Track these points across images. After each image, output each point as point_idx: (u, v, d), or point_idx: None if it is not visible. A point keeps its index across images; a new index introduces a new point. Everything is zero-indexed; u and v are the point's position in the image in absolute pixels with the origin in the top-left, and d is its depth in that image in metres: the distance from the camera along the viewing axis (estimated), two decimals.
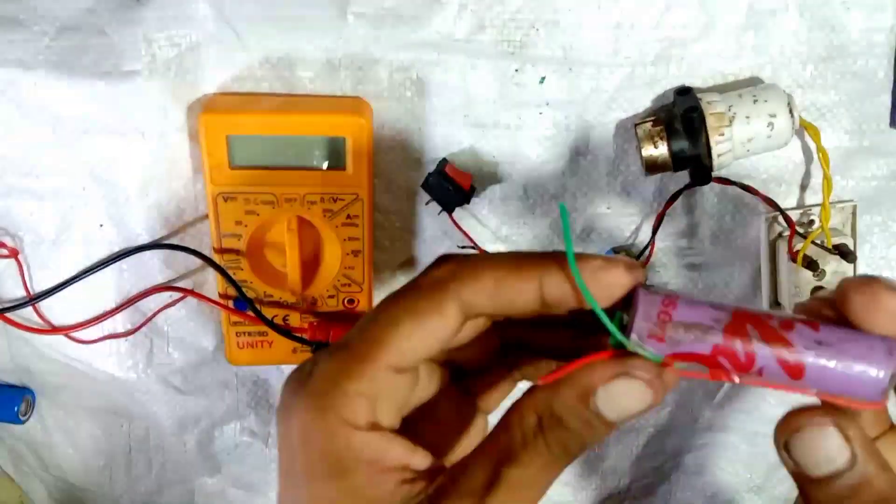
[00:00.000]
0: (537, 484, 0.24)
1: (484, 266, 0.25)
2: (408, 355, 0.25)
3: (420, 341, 0.25)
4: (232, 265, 0.45)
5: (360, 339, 0.25)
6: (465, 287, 0.24)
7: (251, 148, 0.42)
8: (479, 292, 0.24)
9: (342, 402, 0.24)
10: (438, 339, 0.25)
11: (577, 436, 0.23)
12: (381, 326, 0.25)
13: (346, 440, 0.24)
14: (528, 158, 0.45)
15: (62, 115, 0.41)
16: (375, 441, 0.25)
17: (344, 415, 0.24)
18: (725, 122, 0.42)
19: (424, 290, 0.25)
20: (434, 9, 0.41)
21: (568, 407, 0.23)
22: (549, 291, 0.24)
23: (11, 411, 0.51)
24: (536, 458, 0.23)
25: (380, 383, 0.25)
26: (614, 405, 0.23)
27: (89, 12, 0.39)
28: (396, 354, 0.24)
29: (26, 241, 0.46)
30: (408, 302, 0.25)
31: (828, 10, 0.42)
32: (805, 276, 0.48)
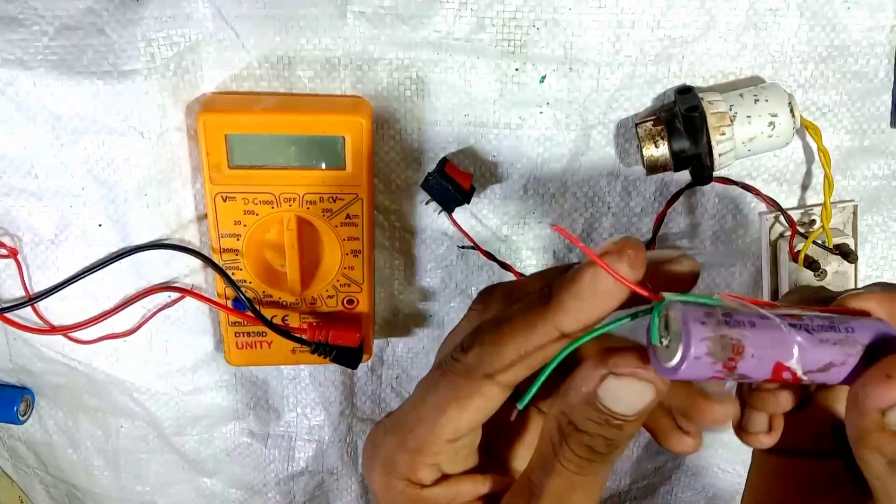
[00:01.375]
0: (580, 488, 0.24)
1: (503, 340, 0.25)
2: (461, 429, 0.26)
3: (468, 421, 0.26)
4: (231, 265, 0.45)
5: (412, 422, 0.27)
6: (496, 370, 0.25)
7: (250, 147, 0.42)
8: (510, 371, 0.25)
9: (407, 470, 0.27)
10: (488, 412, 0.26)
11: (597, 437, 0.24)
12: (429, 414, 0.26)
13: (417, 495, 0.27)
14: (528, 158, 0.45)
15: (61, 114, 0.41)
16: (444, 490, 0.27)
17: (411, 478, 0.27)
18: (726, 122, 0.41)
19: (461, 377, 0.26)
20: (434, 8, 0.41)
21: (577, 410, 0.24)
22: (568, 329, 0.24)
23: (11, 411, 0.51)
24: (567, 464, 0.24)
25: (440, 455, 0.27)
26: (620, 401, 0.23)
27: (89, 12, 0.39)
28: (449, 434, 0.26)
29: (25, 240, 0.45)
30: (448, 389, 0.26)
31: (829, 9, 0.42)
32: (806, 275, 0.48)
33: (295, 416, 0.54)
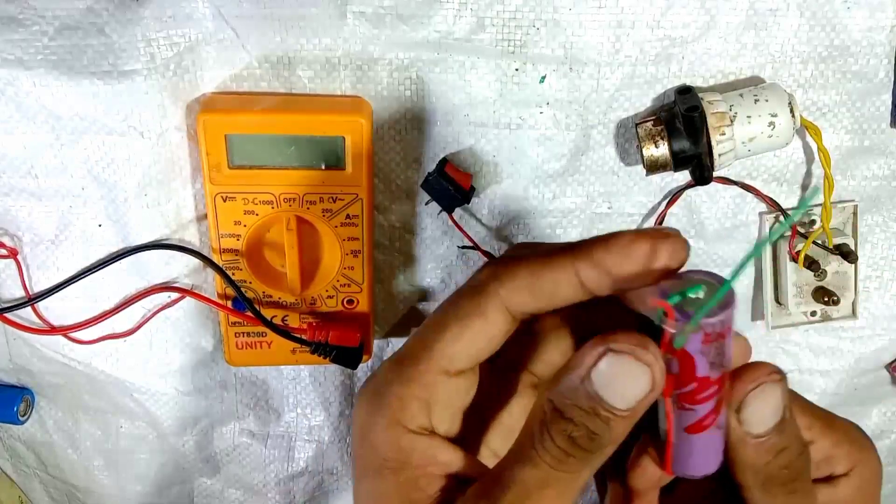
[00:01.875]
0: (553, 485, 0.23)
1: (519, 264, 0.25)
2: (456, 358, 0.25)
3: (467, 344, 0.25)
4: (231, 265, 0.45)
5: (413, 344, 0.26)
6: (504, 286, 0.25)
7: (250, 147, 0.42)
8: (518, 290, 0.25)
9: (396, 405, 0.25)
10: (486, 341, 0.25)
11: (581, 428, 0.22)
12: (431, 332, 0.26)
13: (396, 440, 0.25)
14: (528, 158, 0.45)
15: (61, 114, 0.41)
16: (424, 445, 0.25)
17: (397, 416, 0.25)
18: (726, 122, 0.41)
19: (466, 295, 0.26)
20: (434, 8, 0.41)
21: (565, 394, 0.23)
22: (588, 277, 0.24)
23: (11, 411, 0.51)
24: (545, 455, 0.23)
25: (433, 388, 0.25)
26: (615, 389, 0.22)
27: (88, 12, 0.39)
28: (446, 358, 0.25)
29: (25, 240, 0.46)
30: (452, 307, 0.26)
31: (829, 9, 0.42)
32: (806, 276, 0.48)
33: (295, 416, 0.54)
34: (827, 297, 0.48)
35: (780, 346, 0.52)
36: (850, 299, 0.49)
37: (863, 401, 0.55)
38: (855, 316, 0.50)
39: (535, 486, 0.23)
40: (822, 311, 0.49)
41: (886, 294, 0.51)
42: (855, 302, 0.49)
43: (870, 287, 0.50)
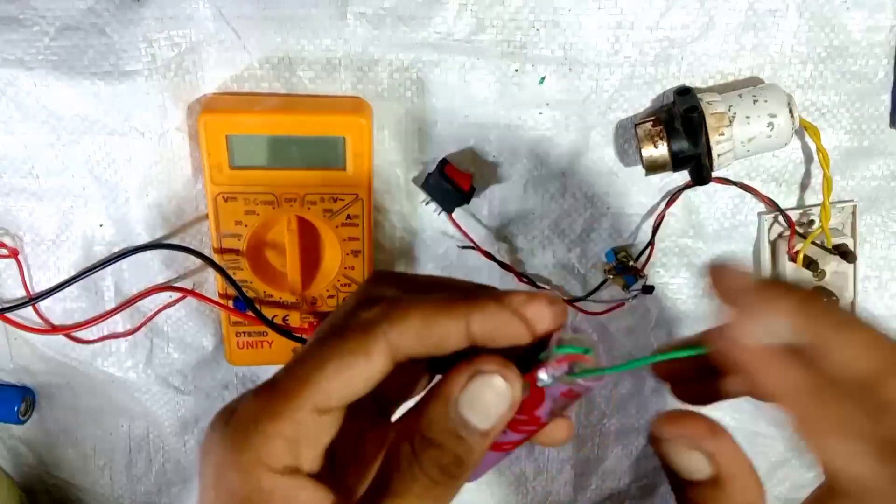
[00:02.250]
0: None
1: (411, 308, 0.24)
2: (332, 396, 0.24)
3: (345, 383, 0.24)
4: (232, 265, 0.45)
5: (285, 378, 0.25)
6: (394, 329, 0.24)
7: (251, 148, 0.42)
8: (407, 334, 0.24)
9: (260, 442, 0.24)
10: (364, 382, 0.24)
11: (450, 454, 0.23)
12: (308, 367, 0.24)
13: (257, 482, 0.24)
14: (528, 158, 0.45)
15: (62, 114, 0.41)
16: (287, 486, 0.24)
17: (261, 455, 0.24)
18: (725, 122, 0.42)
19: (352, 332, 0.24)
20: (434, 9, 0.41)
21: (435, 422, 0.23)
22: (477, 330, 0.24)
23: (11, 411, 0.51)
24: (412, 485, 0.23)
25: (302, 426, 0.24)
26: (478, 408, 0.23)
27: (89, 12, 0.39)
28: (321, 395, 0.24)
29: (26, 240, 0.46)
30: (336, 342, 0.24)
31: (828, 10, 0.42)
32: (805, 276, 0.48)
33: None
34: (826, 297, 0.48)
35: None
36: (849, 299, 0.49)
37: None
38: None
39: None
40: None
41: (885, 294, 0.51)
42: (854, 302, 0.49)
43: (869, 287, 0.50)
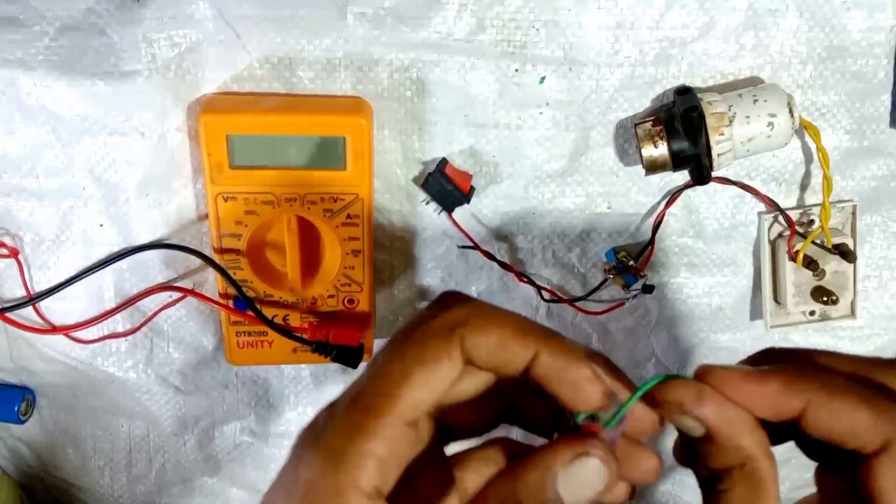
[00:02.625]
0: None
1: (495, 319, 0.25)
2: (421, 405, 0.24)
3: (431, 390, 0.24)
4: (232, 265, 0.45)
5: (372, 392, 0.24)
6: (473, 335, 0.24)
7: (251, 148, 0.42)
8: (484, 343, 0.24)
9: (356, 463, 0.23)
10: (445, 385, 0.24)
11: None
12: (394, 379, 0.24)
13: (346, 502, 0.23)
14: (528, 158, 0.45)
15: (62, 114, 0.41)
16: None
17: (355, 477, 0.23)
18: (725, 122, 0.42)
19: (434, 336, 0.24)
20: (434, 9, 0.41)
21: (529, 490, 0.24)
22: (542, 365, 0.24)
23: (11, 411, 0.51)
24: None
25: (392, 442, 0.24)
26: (574, 486, 0.24)
27: (89, 12, 0.39)
28: (410, 408, 0.24)
29: (26, 241, 0.46)
30: (417, 349, 0.24)
31: (828, 9, 0.42)
32: (805, 275, 0.48)
33: (296, 415, 0.54)
34: (826, 297, 0.48)
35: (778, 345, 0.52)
36: (848, 299, 0.49)
37: None
38: (854, 315, 0.50)
39: None
40: (821, 310, 0.50)
41: (885, 294, 0.51)
42: (854, 302, 0.49)
43: (868, 287, 0.51)
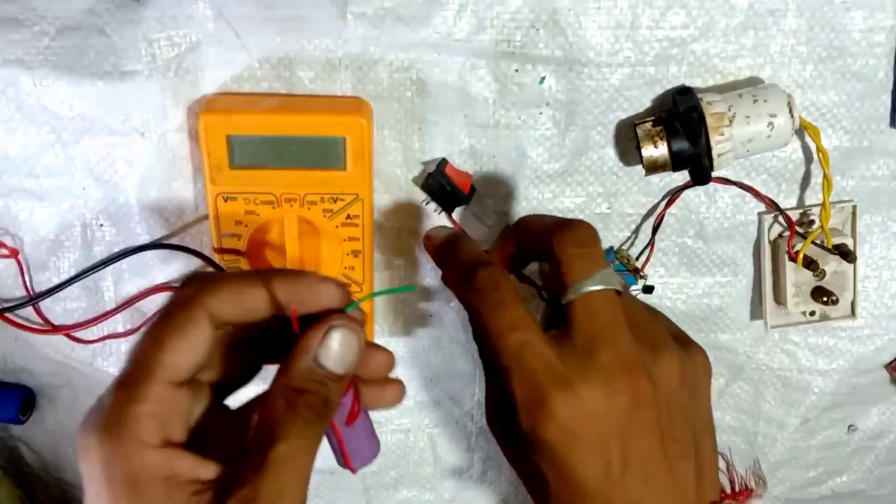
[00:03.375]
0: (302, 453, 0.28)
1: (223, 279, 0.30)
2: (180, 368, 0.28)
3: (186, 353, 0.28)
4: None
5: (134, 365, 0.28)
6: (211, 299, 0.29)
7: (251, 148, 0.42)
8: (222, 301, 0.29)
9: (134, 425, 0.27)
10: (201, 348, 0.29)
11: (318, 397, 0.29)
12: (150, 350, 0.28)
13: (140, 459, 0.27)
14: (528, 158, 0.45)
15: (62, 114, 0.41)
16: (167, 457, 0.27)
17: (138, 435, 0.27)
18: (725, 122, 0.42)
19: (178, 309, 0.29)
20: (434, 9, 0.41)
21: (301, 374, 0.29)
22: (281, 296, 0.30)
23: (11, 411, 0.51)
24: (292, 428, 0.28)
25: (163, 401, 0.28)
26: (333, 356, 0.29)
27: (89, 12, 0.39)
28: (170, 369, 0.28)
29: (26, 240, 0.46)
30: (165, 322, 0.29)
31: (828, 10, 0.42)
32: (805, 275, 0.48)
33: None
34: (826, 297, 0.48)
35: (778, 345, 0.53)
36: (848, 299, 0.49)
37: (862, 400, 0.55)
38: (854, 316, 0.50)
39: (289, 456, 0.27)
40: (821, 310, 0.50)
41: (885, 294, 0.51)
42: (854, 302, 0.49)
43: (868, 287, 0.51)
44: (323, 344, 0.29)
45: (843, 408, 0.55)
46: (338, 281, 0.31)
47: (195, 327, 0.29)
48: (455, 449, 0.55)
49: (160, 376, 0.28)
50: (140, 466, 0.27)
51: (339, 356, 0.29)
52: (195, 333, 0.29)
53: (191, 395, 0.29)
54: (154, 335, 0.29)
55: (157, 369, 0.28)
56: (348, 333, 0.30)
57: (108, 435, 0.27)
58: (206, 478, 0.28)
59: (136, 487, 0.27)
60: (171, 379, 0.28)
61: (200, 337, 0.29)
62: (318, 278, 0.31)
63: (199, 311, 0.29)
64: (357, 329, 0.30)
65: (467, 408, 0.53)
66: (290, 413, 0.28)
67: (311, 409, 0.28)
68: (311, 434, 0.29)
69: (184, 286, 0.30)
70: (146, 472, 0.27)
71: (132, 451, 0.27)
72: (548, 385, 0.32)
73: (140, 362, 0.28)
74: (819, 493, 0.59)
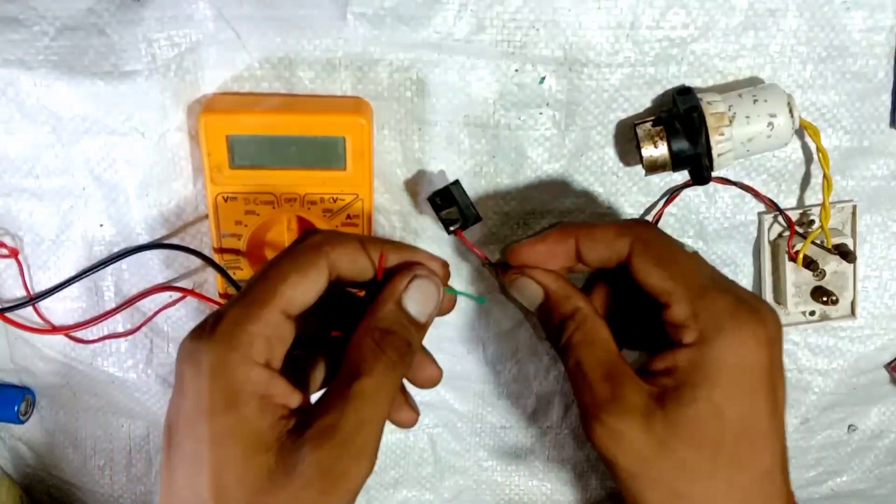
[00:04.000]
0: (384, 390, 0.31)
1: (349, 236, 0.34)
2: (295, 302, 0.32)
3: (303, 291, 0.32)
4: (232, 265, 0.45)
5: (257, 289, 0.31)
6: (335, 250, 0.33)
7: (251, 148, 0.42)
8: (344, 255, 0.33)
9: (247, 341, 0.30)
10: (316, 291, 0.32)
11: (402, 338, 0.32)
12: (273, 280, 0.31)
13: (246, 373, 0.29)
14: (528, 159, 0.45)
15: (62, 114, 0.41)
16: (267, 377, 0.30)
17: (248, 352, 0.30)
18: (725, 122, 0.42)
19: (305, 251, 0.33)
20: (434, 8, 0.41)
21: (387, 317, 0.32)
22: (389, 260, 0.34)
23: (11, 411, 0.51)
24: (377, 364, 0.31)
25: (274, 327, 0.31)
26: (417, 302, 0.33)
27: (89, 12, 0.39)
28: (286, 301, 0.31)
29: (26, 240, 0.46)
30: (290, 260, 0.32)
31: (828, 9, 0.42)
32: (805, 275, 0.48)
33: None
34: (826, 297, 0.48)
35: None
36: (848, 299, 0.49)
37: (862, 400, 0.55)
38: (854, 316, 0.50)
39: (372, 391, 0.30)
40: (821, 310, 0.50)
41: (885, 294, 0.51)
42: (854, 302, 0.49)
43: (868, 287, 0.51)
44: (407, 290, 0.33)
45: (843, 408, 0.55)
46: (443, 261, 0.35)
47: (316, 271, 0.32)
48: (455, 449, 0.55)
49: (277, 304, 0.31)
50: (244, 379, 0.29)
51: (421, 304, 0.33)
52: (314, 277, 0.32)
53: (291, 330, 0.32)
54: (279, 268, 0.32)
55: (276, 298, 0.31)
56: (430, 283, 0.33)
57: (221, 345, 0.29)
58: (293, 405, 0.31)
59: (235, 398, 0.29)
60: (284, 309, 0.31)
61: (317, 281, 0.32)
62: (427, 256, 0.34)
63: (322, 259, 0.32)
64: (437, 282, 0.33)
65: (467, 408, 0.53)
66: (376, 351, 0.31)
67: (395, 350, 0.31)
68: (394, 373, 0.31)
69: (312, 233, 0.34)
70: (247, 387, 0.29)
71: (240, 363, 0.29)
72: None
73: (262, 288, 0.31)
74: (819, 493, 0.59)
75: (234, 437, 0.29)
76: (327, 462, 0.28)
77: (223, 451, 0.28)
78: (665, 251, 0.36)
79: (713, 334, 0.33)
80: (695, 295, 0.34)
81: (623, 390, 0.33)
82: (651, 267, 0.35)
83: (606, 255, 0.37)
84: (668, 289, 0.34)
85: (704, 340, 0.33)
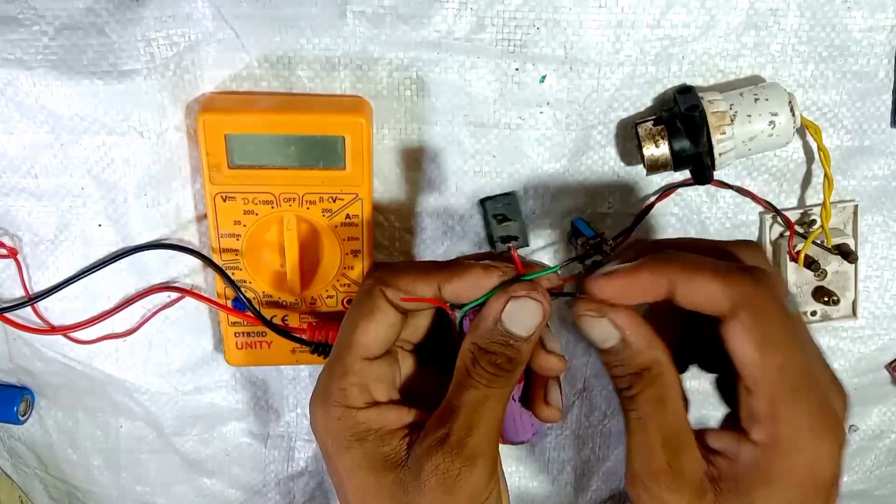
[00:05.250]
0: (490, 400, 0.32)
1: (398, 273, 0.35)
2: (371, 346, 0.34)
3: (374, 334, 0.34)
4: (231, 265, 0.45)
5: (337, 347, 0.35)
6: (389, 290, 0.35)
7: (250, 147, 0.42)
8: (397, 293, 0.34)
9: (340, 395, 0.34)
10: (386, 328, 0.35)
11: (502, 356, 0.33)
12: (347, 333, 0.35)
13: (353, 419, 0.33)
14: (529, 158, 0.45)
15: (61, 114, 0.41)
16: (375, 414, 0.34)
17: (345, 402, 0.34)
18: (727, 121, 0.41)
19: (362, 298, 0.35)
20: (434, 7, 0.41)
21: (484, 336, 0.33)
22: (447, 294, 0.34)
23: (11, 411, 0.51)
24: (480, 379, 0.32)
25: (361, 373, 0.34)
26: (518, 322, 0.33)
27: (88, 12, 0.39)
28: (363, 348, 0.34)
29: (25, 240, 0.46)
30: (357, 309, 0.35)
31: (829, 9, 0.42)
32: (806, 276, 0.48)
33: (295, 416, 0.54)
34: (827, 297, 0.48)
35: None
36: (850, 299, 0.49)
37: (863, 400, 0.55)
38: (855, 316, 0.50)
39: (477, 402, 0.32)
40: (822, 310, 0.49)
41: (886, 294, 0.51)
42: (855, 302, 0.49)
43: (870, 287, 0.50)
44: (506, 310, 0.33)
45: None
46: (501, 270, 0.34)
47: (380, 312, 0.34)
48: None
49: (356, 353, 0.34)
50: (353, 424, 0.33)
51: (521, 321, 0.33)
52: (380, 318, 0.34)
53: (388, 364, 0.36)
54: (350, 320, 0.35)
55: (353, 349, 0.34)
56: (527, 301, 0.33)
57: (322, 407, 0.34)
58: (413, 420, 0.34)
59: (353, 438, 0.33)
60: (363, 355, 0.34)
61: (385, 320, 0.34)
62: (481, 273, 0.34)
63: (380, 300, 0.34)
64: (537, 297, 0.33)
65: None
66: (477, 367, 0.33)
67: (494, 365, 0.32)
68: (498, 386, 0.33)
69: (366, 276, 0.37)
70: (359, 428, 0.33)
71: (343, 414, 0.33)
72: None
73: (340, 344, 0.35)
74: None
75: (362, 469, 0.33)
76: (443, 467, 0.31)
77: (356, 481, 0.33)
78: (770, 330, 0.31)
79: (787, 445, 0.30)
80: (781, 397, 0.30)
81: (681, 463, 0.31)
82: (747, 345, 0.30)
83: (700, 306, 0.32)
84: (755, 378, 0.30)
85: (776, 447, 0.30)
